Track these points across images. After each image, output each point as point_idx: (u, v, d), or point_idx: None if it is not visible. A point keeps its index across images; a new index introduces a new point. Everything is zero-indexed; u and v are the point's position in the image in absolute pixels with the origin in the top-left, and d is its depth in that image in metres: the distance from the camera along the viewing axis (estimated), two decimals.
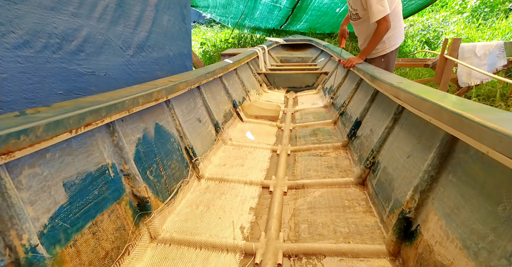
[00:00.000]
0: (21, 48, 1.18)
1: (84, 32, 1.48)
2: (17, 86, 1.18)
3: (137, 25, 1.87)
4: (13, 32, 1.14)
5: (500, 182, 0.69)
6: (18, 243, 0.68)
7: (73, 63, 1.43)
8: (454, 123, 0.81)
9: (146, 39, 1.96)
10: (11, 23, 1.13)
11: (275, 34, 8.40)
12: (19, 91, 1.20)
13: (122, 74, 1.77)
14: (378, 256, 1.01)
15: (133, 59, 1.85)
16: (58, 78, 1.36)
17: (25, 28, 1.18)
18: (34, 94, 1.25)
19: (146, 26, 1.94)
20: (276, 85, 4.10)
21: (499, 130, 0.62)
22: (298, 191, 1.51)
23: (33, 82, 1.24)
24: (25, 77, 1.21)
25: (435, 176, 0.92)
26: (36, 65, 1.25)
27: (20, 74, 1.19)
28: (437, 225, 0.84)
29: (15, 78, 1.17)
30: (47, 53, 1.29)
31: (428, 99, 0.97)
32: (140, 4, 1.88)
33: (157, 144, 1.37)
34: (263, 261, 1.01)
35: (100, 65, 1.60)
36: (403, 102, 1.22)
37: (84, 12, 1.46)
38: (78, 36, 1.45)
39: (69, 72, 1.41)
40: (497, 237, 0.64)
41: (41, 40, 1.25)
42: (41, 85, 1.28)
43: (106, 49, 1.63)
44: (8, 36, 1.13)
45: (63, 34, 1.36)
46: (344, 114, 2.32)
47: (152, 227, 1.13)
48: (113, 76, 1.69)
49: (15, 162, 0.73)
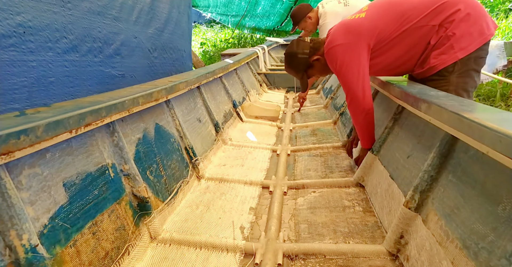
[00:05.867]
0: (69, 52, 1.22)
1: (122, 36, 1.51)
2: (60, 90, 1.22)
3: (164, 28, 1.89)
4: (65, 37, 1.18)
5: (500, 182, 0.69)
6: (18, 243, 0.68)
7: (109, 66, 1.46)
8: (454, 123, 0.81)
9: (169, 40, 1.98)
10: (65, 29, 1.17)
11: (275, 34, 8.41)
12: (61, 94, 1.23)
13: (145, 76, 1.80)
14: (378, 256, 1.01)
15: (156, 61, 1.87)
16: (95, 81, 1.39)
17: (75, 33, 1.22)
18: (74, 97, 1.28)
19: (170, 27, 1.97)
20: (276, 85, 4.10)
21: (499, 131, 0.62)
22: (298, 191, 1.51)
23: (74, 85, 1.28)
24: (68, 80, 1.24)
25: (435, 176, 0.92)
26: (79, 69, 1.29)
27: (65, 78, 1.23)
28: (437, 225, 0.84)
29: (60, 81, 1.20)
30: (90, 57, 1.33)
31: (428, 99, 0.97)
32: (168, 6, 1.90)
33: (157, 144, 1.37)
34: (263, 261, 1.01)
35: (130, 68, 1.64)
36: (403, 102, 1.22)
37: (124, 16, 1.49)
38: (117, 40, 1.49)
39: (105, 75, 1.45)
40: (497, 237, 0.64)
41: (87, 45, 1.29)
42: (80, 88, 1.31)
43: (137, 52, 1.67)
44: (61, 41, 1.17)
45: (105, 38, 1.40)
46: (344, 115, 2.31)
47: (152, 227, 1.13)
48: (138, 78, 1.72)
49: (15, 162, 0.73)
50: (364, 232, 1.15)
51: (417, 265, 0.87)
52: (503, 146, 0.61)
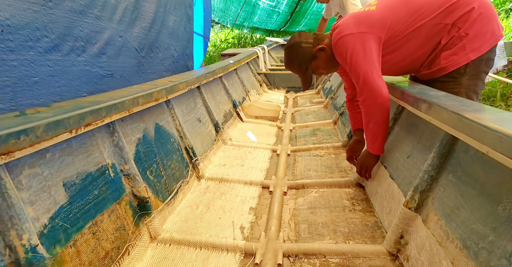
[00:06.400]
0: (51, 52, 1.21)
1: (106, 35, 1.50)
2: (46, 90, 1.21)
3: (151, 27, 1.89)
4: (46, 36, 1.17)
5: (500, 182, 0.69)
6: (18, 243, 0.68)
7: (95, 65, 1.45)
8: (454, 123, 0.81)
9: (155, 40, 1.97)
10: (46, 28, 1.16)
11: (275, 34, 8.40)
12: (48, 94, 1.22)
13: (134, 76, 1.79)
14: (378, 256, 1.01)
15: (144, 60, 1.87)
16: (82, 81, 1.38)
17: (56, 32, 1.21)
18: (62, 97, 1.27)
19: (156, 27, 1.96)
20: (276, 85, 4.10)
21: (499, 131, 0.62)
22: (298, 191, 1.51)
23: (60, 85, 1.27)
24: (53, 80, 1.23)
25: (435, 176, 0.92)
26: (63, 68, 1.27)
27: (49, 78, 1.21)
28: (437, 225, 0.84)
29: (45, 81, 1.19)
30: (73, 56, 1.32)
31: (428, 99, 0.97)
32: (154, 6, 1.89)
33: (157, 144, 1.37)
34: (263, 261, 1.01)
35: (118, 67, 1.63)
36: (403, 102, 1.22)
37: (106, 15, 1.48)
38: (101, 39, 1.47)
39: (92, 74, 1.44)
40: (497, 237, 0.64)
41: (68, 44, 1.28)
42: (67, 88, 1.30)
43: (124, 51, 1.66)
44: (42, 40, 1.15)
45: (87, 37, 1.38)
46: (344, 115, 2.31)
47: (152, 227, 1.13)
48: (127, 77, 1.71)
49: (15, 162, 0.73)
50: (364, 232, 1.15)
51: (417, 265, 0.87)
52: (503, 146, 0.61)
